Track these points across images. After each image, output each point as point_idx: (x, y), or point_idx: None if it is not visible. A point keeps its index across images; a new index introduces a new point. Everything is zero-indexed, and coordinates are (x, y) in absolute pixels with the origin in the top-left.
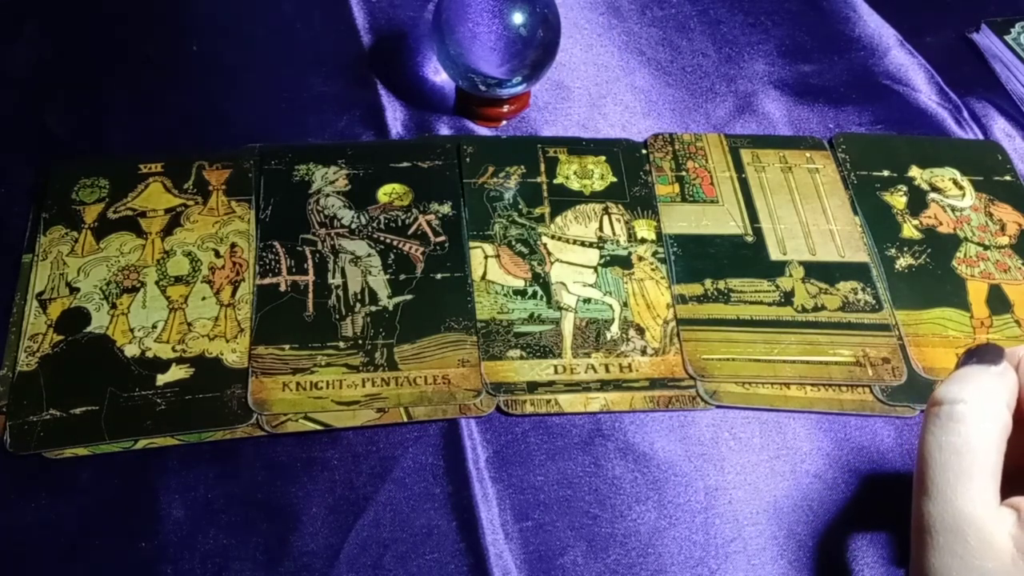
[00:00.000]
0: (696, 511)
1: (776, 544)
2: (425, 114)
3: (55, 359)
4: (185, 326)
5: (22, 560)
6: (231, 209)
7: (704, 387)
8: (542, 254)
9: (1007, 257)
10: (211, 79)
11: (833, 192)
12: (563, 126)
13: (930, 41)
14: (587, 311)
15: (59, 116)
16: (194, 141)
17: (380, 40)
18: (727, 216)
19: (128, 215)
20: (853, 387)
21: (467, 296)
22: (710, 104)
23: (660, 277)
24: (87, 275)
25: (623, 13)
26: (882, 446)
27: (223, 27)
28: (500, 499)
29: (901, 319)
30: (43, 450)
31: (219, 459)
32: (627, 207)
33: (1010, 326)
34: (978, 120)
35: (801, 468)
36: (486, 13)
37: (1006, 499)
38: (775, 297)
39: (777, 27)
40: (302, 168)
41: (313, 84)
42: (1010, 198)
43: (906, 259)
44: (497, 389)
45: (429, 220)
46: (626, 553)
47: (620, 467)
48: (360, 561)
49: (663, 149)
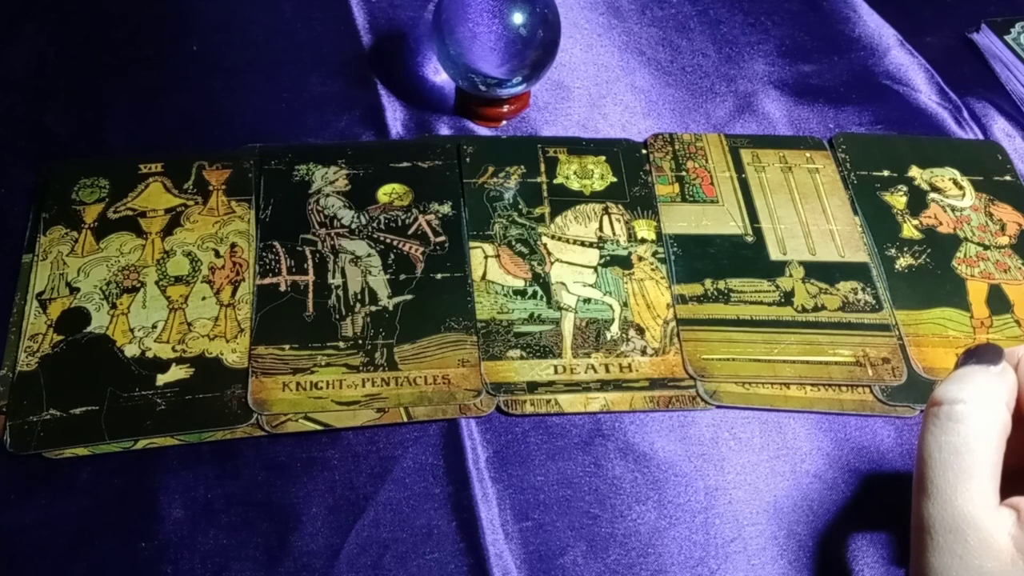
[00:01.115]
0: (696, 511)
1: (776, 544)
2: (425, 114)
3: (55, 359)
4: (185, 326)
5: (22, 560)
6: (231, 209)
7: (704, 387)
8: (542, 254)
9: (1007, 257)
10: (211, 79)
11: (833, 192)
12: (563, 126)
13: (930, 41)
14: (587, 311)
15: (59, 116)
16: (194, 141)
17: (380, 40)
18: (727, 216)
19: (128, 215)
20: (853, 387)
21: (467, 296)
22: (710, 104)
23: (660, 277)
24: (87, 275)
25: (623, 13)
26: (882, 446)
27: (223, 27)
28: (500, 499)
29: (901, 319)
30: (43, 450)
31: (219, 459)
32: (627, 207)
33: (1010, 326)
34: (978, 120)
35: (801, 468)
36: (486, 13)
37: (1006, 499)
38: (775, 297)
39: (777, 27)
40: (302, 168)
41: (313, 84)
42: (1010, 198)
43: (906, 259)
44: (497, 389)
45: (429, 220)
46: (626, 553)
47: (620, 467)
48: (360, 561)
49: (663, 149)
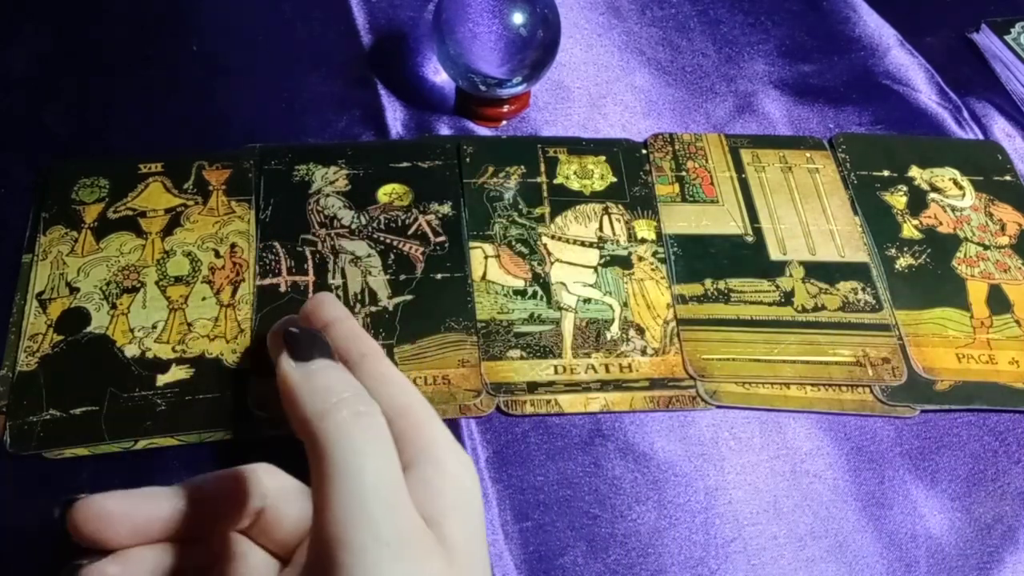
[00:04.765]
0: (696, 511)
1: (776, 544)
2: (425, 114)
3: (55, 359)
4: (185, 326)
5: (22, 560)
6: (231, 209)
7: (704, 387)
8: (542, 254)
9: (1007, 257)
10: (211, 79)
11: (833, 192)
12: (563, 126)
13: (930, 41)
14: (587, 311)
15: (59, 116)
16: (194, 141)
17: (380, 40)
18: (727, 216)
19: (128, 215)
20: (853, 387)
21: (467, 296)
22: (710, 104)
23: (660, 277)
24: (87, 275)
25: (623, 13)
26: (882, 446)
27: (223, 27)
28: (500, 499)
29: (901, 319)
30: (43, 450)
31: (219, 460)
32: (627, 207)
33: (1010, 326)
34: (978, 120)
35: (801, 468)
36: (486, 13)
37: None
38: (775, 297)
39: (777, 27)
40: (302, 168)
41: (313, 84)
42: (1010, 198)
43: (906, 259)
44: (497, 389)
45: (429, 220)
46: (626, 553)
47: (620, 467)
48: None
49: (663, 149)
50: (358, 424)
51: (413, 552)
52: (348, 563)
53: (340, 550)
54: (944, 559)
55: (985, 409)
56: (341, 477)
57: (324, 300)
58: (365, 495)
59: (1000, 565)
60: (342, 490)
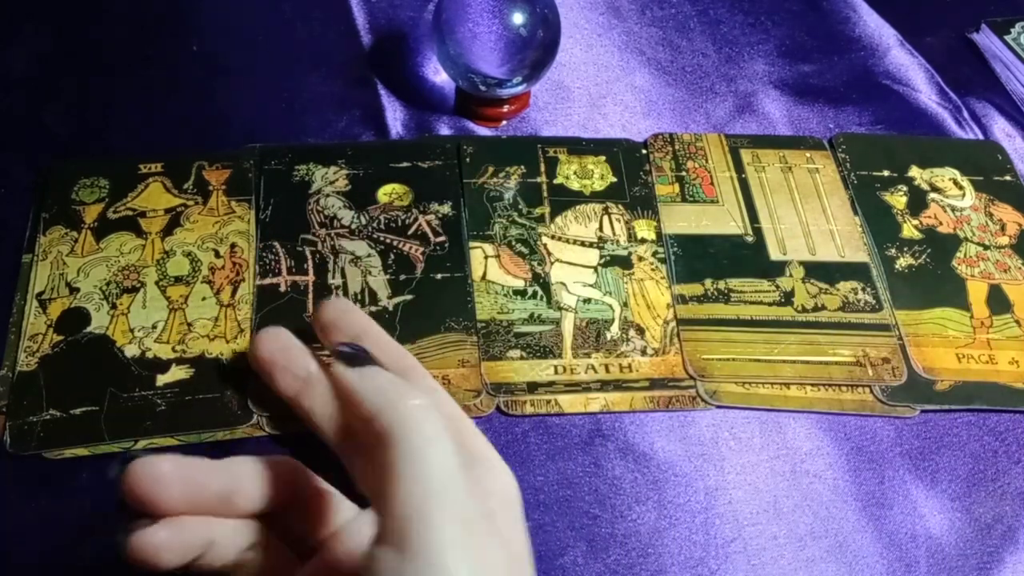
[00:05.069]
0: (696, 511)
1: (776, 544)
2: (425, 114)
3: (55, 359)
4: (185, 326)
5: (22, 560)
6: (231, 209)
7: (704, 387)
8: (542, 254)
9: (1007, 257)
10: (211, 79)
11: (833, 192)
12: (563, 126)
13: (930, 41)
14: (587, 311)
15: (59, 116)
16: (194, 141)
17: (380, 40)
18: (727, 216)
19: (128, 215)
20: (853, 387)
21: (467, 296)
22: (710, 104)
23: (660, 277)
24: (87, 275)
25: (623, 13)
26: (882, 446)
27: (223, 27)
28: None
29: (901, 319)
30: (43, 450)
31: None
32: (627, 207)
33: (1010, 326)
34: (978, 120)
35: (801, 468)
36: (486, 13)
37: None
38: (775, 297)
39: (777, 27)
40: (302, 168)
41: (313, 84)
42: (1010, 198)
43: (906, 259)
44: (497, 389)
45: (429, 220)
46: (626, 553)
47: (620, 467)
48: None
49: (663, 149)
50: (423, 414)
51: (481, 533)
52: (426, 537)
53: (418, 524)
54: (944, 559)
55: (985, 409)
56: (413, 461)
57: (348, 308)
58: (438, 476)
59: (1000, 565)
60: (415, 473)
